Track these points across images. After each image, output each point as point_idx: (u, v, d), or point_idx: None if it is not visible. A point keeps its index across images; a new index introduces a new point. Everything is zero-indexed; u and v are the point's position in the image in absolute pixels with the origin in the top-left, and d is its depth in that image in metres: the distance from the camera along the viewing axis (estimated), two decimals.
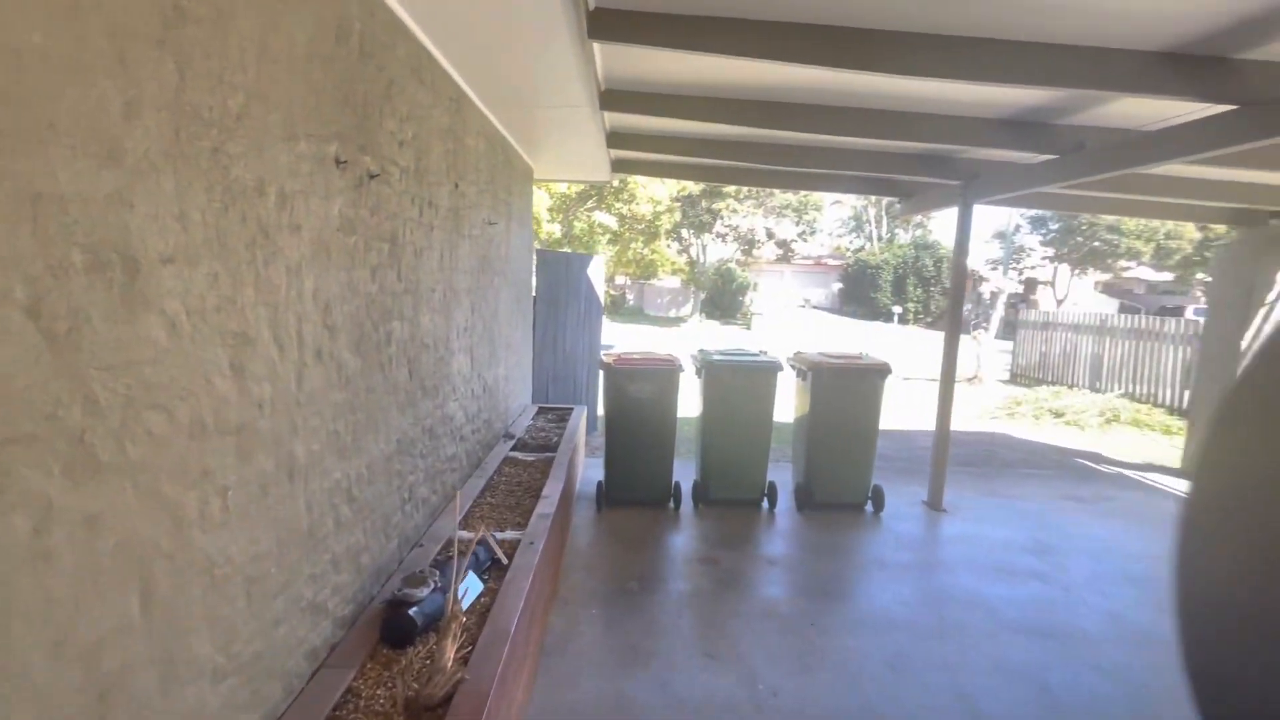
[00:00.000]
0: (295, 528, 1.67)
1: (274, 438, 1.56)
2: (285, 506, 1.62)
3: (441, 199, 2.82)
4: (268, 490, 1.54)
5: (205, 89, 1.26)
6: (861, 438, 4.86)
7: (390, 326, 2.28)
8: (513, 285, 4.66)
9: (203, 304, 1.28)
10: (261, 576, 1.52)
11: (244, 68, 1.39)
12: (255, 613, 1.50)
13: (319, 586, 1.81)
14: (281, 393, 1.58)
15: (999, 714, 2.64)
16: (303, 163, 1.64)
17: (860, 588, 3.78)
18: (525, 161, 4.94)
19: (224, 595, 1.38)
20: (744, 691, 2.72)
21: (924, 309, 28.19)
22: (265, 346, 1.51)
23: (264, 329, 1.50)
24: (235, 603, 1.42)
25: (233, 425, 1.39)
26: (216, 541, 1.35)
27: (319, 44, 1.71)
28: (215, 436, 1.33)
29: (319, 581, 1.81)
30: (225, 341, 1.36)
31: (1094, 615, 3.49)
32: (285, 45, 1.54)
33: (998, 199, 4.95)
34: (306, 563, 1.74)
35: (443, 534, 2.75)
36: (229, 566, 1.39)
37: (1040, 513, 5.15)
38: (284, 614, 1.63)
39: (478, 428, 3.73)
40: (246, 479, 1.45)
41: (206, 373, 1.30)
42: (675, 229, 24.32)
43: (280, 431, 1.58)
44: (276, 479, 1.57)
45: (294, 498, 1.66)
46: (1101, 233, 21.84)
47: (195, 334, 1.26)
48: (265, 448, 1.52)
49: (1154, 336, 10.52)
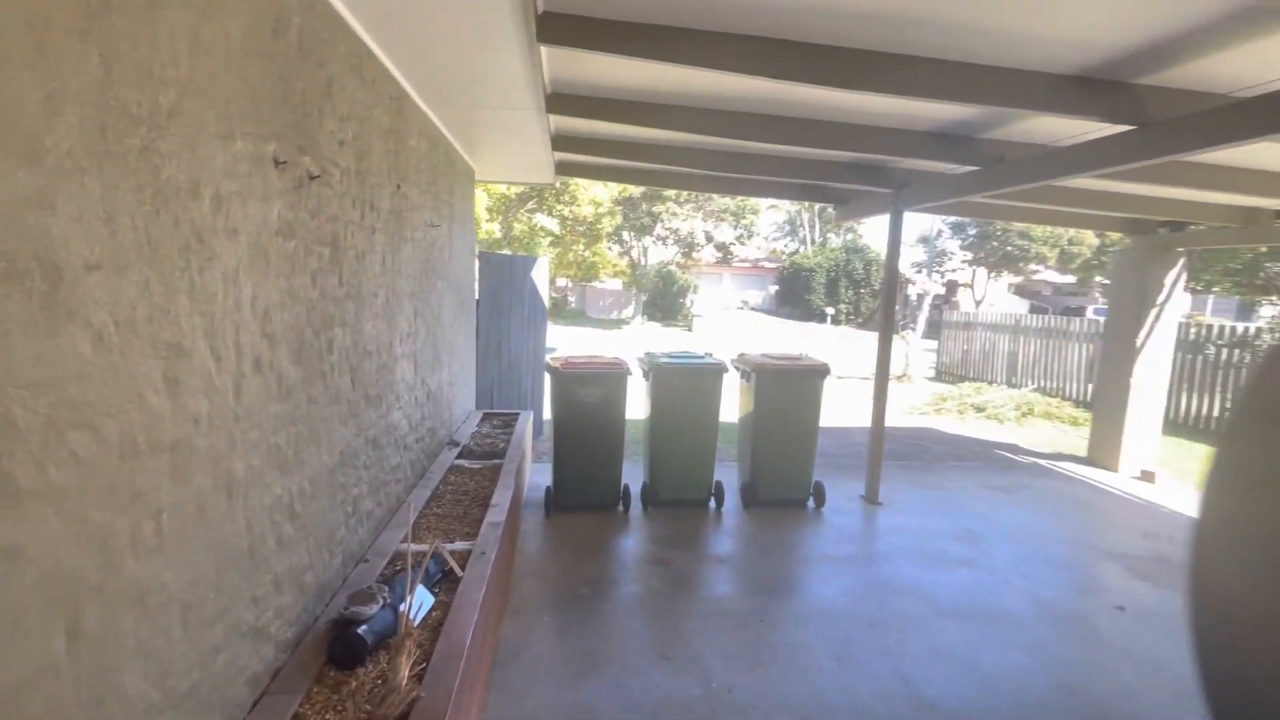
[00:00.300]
0: (235, 549, 1.58)
1: (211, 454, 1.46)
2: (224, 527, 1.53)
3: (383, 201, 2.73)
4: (205, 510, 1.44)
5: (133, 83, 1.18)
6: (803, 436, 5.02)
7: (332, 334, 2.19)
8: (456, 288, 4.55)
9: (133, 314, 1.19)
10: (199, 603, 1.42)
11: (175, 61, 1.30)
12: (192, 642, 1.40)
13: (260, 609, 1.71)
14: (219, 406, 1.49)
15: (938, 695, 2.79)
16: (239, 163, 1.55)
17: (806, 582, 3.91)
18: (467, 162, 4.84)
19: (158, 626, 1.28)
20: (699, 690, 2.75)
21: (855, 310, 29.35)
22: (201, 358, 1.42)
23: (199, 339, 1.41)
24: (170, 633, 1.33)
25: (167, 443, 1.30)
26: (150, 569, 1.25)
27: (255, 37, 1.62)
28: (148, 456, 1.24)
29: (260, 604, 1.71)
30: (158, 354, 1.27)
31: (1017, 596, 3.74)
32: (220, 38, 1.46)
33: (926, 207, 5.23)
34: (247, 585, 1.64)
35: (388, 548, 2.65)
36: (164, 595, 1.30)
37: (967, 502, 5.47)
38: (223, 641, 1.53)
39: (422, 436, 3.62)
40: (182, 500, 1.35)
41: (138, 388, 1.21)
42: (616, 231, 24.37)
43: (218, 447, 1.49)
44: (214, 498, 1.48)
45: (233, 517, 1.57)
46: (1014, 238, 23.38)
47: (125, 346, 1.17)
48: (202, 465, 1.43)
49: (1061, 335, 11.39)
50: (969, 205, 5.71)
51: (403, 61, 2.75)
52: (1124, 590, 3.89)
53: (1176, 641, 3.30)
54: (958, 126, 3.83)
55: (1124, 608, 3.66)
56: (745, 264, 34.61)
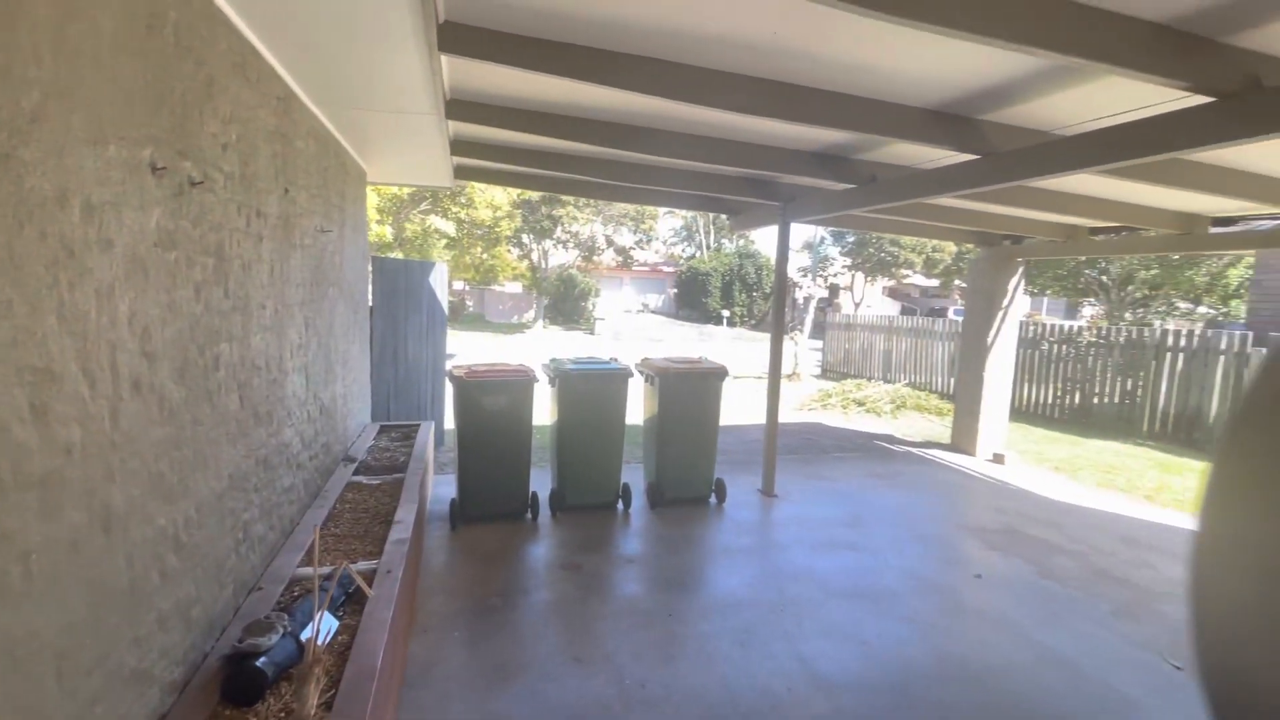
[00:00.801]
0: (114, 587, 1.45)
1: (86, 486, 1.34)
2: (101, 564, 1.40)
3: (271, 207, 2.58)
4: (79, 548, 1.32)
5: None
6: (704, 436, 5.25)
7: (218, 349, 2.05)
8: (349, 296, 4.33)
9: None
10: (74, 650, 1.31)
11: (38, 60, 1.19)
12: (68, 693, 1.28)
13: (144, 651, 1.58)
14: (94, 434, 1.37)
15: (831, 670, 3.04)
16: (113, 169, 1.44)
17: (711, 575, 4.10)
18: (359, 164, 4.62)
19: (29, 678, 1.17)
20: (613, 689, 2.83)
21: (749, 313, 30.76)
22: (73, 382, 1.30)
23: (70, 362, 1.29)
24: (43, 685, 1.21)
25: (35, 477, 1.19)
26: (18, 616, 1.14)
27: (128, 35, 1.50)
28: (14, 492, 1.13)
29: (144, 645, 1.58)
30: (23, 380, 1.16)
31: (896, 573, 4.14)
32: (88, 35, 1.35)
33: (811, 219, 5.66)
34: (128, 625, 1.51)
35: (285, 573, 2.51)
36: (34, 643, 1.18)
37: (851, 490, 5.95)
38: (102, 689, 1.41)
39: (316, 453, 3.43)
40: (54, 538, 1.24)
41: (1, 419, 1.10)
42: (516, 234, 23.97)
43: (93, 478, 1.37)
44: (90, 534, 1.36)
45: (112, 552, 1.45)
46: (886, 245, 25.60)
47: None
48: (75, 499, 1.31)
49: (927, 334, 12.65)
50: (848, 218, 6.24)
51: (290, 61, 2.62)
52: (981, 560, 4.42)
53: (1021, 600, 3.81)
54: (837, 148, 4.19)
55: (981, 575, 4.16)
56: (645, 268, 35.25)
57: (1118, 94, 2.73)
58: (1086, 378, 9.91)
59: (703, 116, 3.60)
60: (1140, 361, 9.21)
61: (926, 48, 2.48)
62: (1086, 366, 9.91)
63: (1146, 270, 14.37)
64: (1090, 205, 4.88)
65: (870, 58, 2.67)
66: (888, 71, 2.81)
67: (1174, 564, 4.45)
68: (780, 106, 3.02)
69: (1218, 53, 2.24)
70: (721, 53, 2.72)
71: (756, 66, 2.84)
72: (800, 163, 4.31)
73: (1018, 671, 3.10)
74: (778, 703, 2.79)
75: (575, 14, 2.45)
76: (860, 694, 2.87)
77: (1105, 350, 9.69)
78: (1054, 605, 3.79)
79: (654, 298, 35.16)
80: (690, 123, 3.80)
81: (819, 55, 2.68)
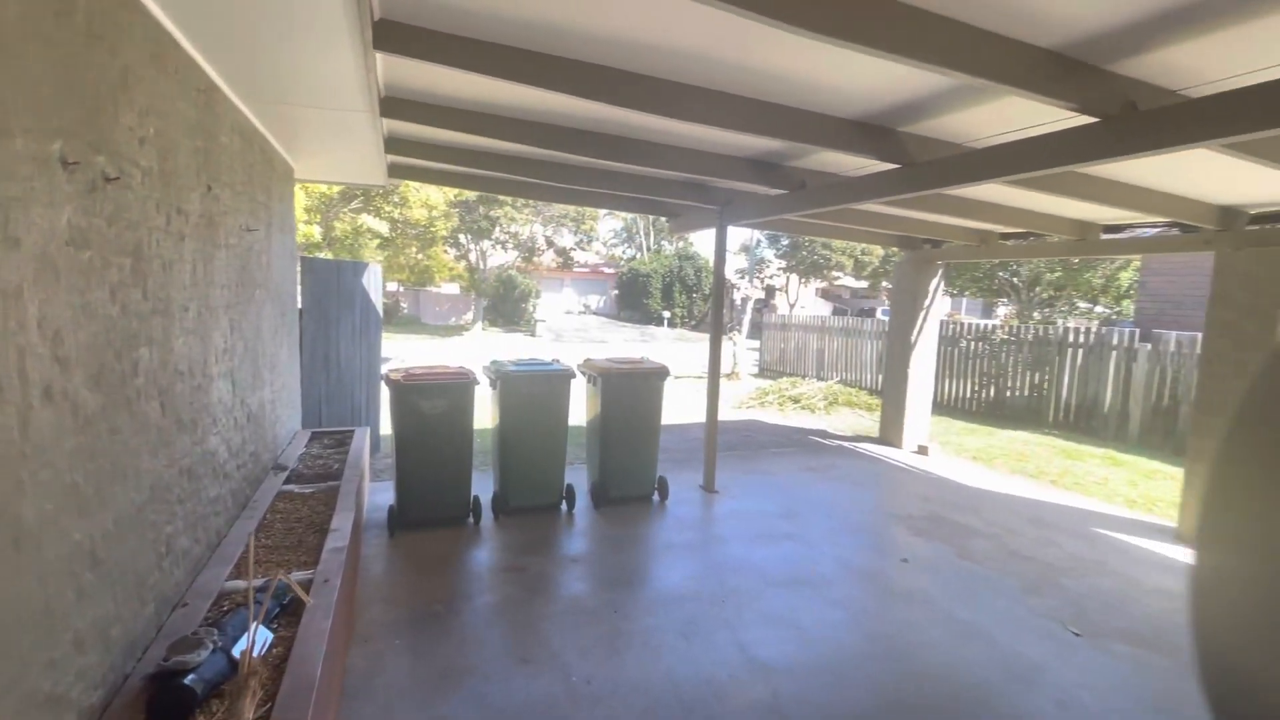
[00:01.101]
0: (26, 607, 1.37)
1: None
2: (12, 584, 1.32)
3: (192, 204, 2.46)
4: None
5: None
6: (647, 435, 5.33)
7: (137, 354, 1.94)
8: (277, 298, 4.15)
9: None
10: None
11: None
12: None
13: (59, 674, 1.49)
14: (2, 445, 1.29)
15: (769, 656, 3.17)
16: (20, 164, 1.36)
17: (654, 571, 4.17)
18: (286, 161, 4.44)
19: None
20: (560, 687, 2.85)
21: (689, 314, 31.24)
22: None
23: None
24: None
25: None
26: None
27: (34, 21, 1.42)
28: None
29: (59, 668, 1.49)
30: None
31: (829, 562, 4.34)
32: None
33: (747, 222, 5.83)
34: (42, 648, 1.43)
35: (212, 588, 2.40)
36: None
37: (788, 484, 6.18)
38: (14, 718, 1.32)
39: (243, 462, 3.28)
40: None
41: None
42: (453, 234, 23.42)
43: (3, 492, 1.29)
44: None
45: (22, 571, 1.36)
46: (818, 248, 26.57)
47: None
48: None
49: (857, 334, 13.24)
50: (782, 222, 6.46)
51: (212, 52, 2.50)
52: (907, 545, 4.69)
53: (945, 582, 4.08)
54: (769, 155, 4.35)
55: (907, 560, 4.42)
56: (585, 269, 35.17)
57: (1020, 112, 2.98)
58: (1000, 373, 10.65)
59: (641, 121, 3.67)
60: (1046, 357, 9.98)
61: (849, 62, 2.63)
62: (1000, 362, 10.64)
63: (1051, 273, 15.56)
64: (1000, 212, 5.27)
65: (799, 69, 2.81)
66: (814, 83, 2.96)
67: (1075, 541, 4.87)
68: (713, 113, 3.12)
69: (1101, 79, 2.49)
70: (656, 60, 2.79)
71: (690, 73, 2.93)
72: (736, 168, 4.45)
73: (940, 646, 3.32)
74: (719, 690, 2.88)
75: (513, 16, 2.46)
76: (797, 677, 3.01)
77: (1016, 347, 10.44)
78: (972, 584, 4.08)
79: (595, 299, 35.14)
80: (629, 126, 3.87)
81: (749, 65, 2.79)
